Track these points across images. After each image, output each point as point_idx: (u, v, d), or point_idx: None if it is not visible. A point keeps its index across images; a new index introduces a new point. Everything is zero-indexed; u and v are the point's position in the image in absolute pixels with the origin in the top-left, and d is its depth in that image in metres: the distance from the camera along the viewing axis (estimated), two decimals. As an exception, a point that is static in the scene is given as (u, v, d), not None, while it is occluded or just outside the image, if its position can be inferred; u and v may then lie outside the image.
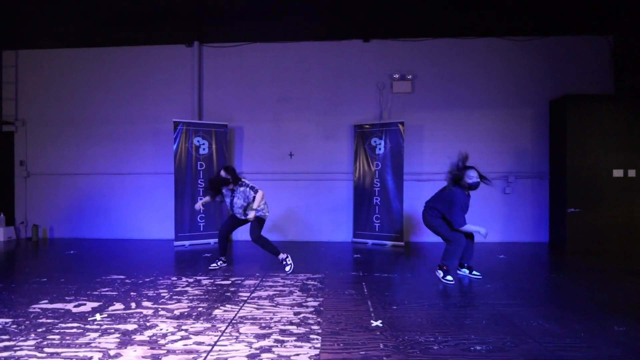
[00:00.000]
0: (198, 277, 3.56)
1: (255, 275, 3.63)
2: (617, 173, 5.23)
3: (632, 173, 5.17)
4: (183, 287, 3.22)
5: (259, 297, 2.93)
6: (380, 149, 5.39)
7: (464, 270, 3.61)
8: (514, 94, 5.69)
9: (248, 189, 3.77)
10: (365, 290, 3.12)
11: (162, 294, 3.01)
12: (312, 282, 3.38)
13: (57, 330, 2.28)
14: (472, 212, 5.73)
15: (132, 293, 3.05)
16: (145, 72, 5.98)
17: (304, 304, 2.78)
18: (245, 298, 2.91)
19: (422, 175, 5.66)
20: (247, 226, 3.93)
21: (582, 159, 5.26)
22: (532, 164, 5.67)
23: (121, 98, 5.99)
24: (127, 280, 3.43)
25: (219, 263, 3.96)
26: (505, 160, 5.67)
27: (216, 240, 5.48)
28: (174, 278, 3.53)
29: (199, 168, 5.43)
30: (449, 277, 3.36)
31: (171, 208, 5.37)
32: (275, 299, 2.90)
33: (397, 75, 5.64)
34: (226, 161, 5.62)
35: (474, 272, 3.53)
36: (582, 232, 5.25)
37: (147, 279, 3.49)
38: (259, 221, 3.87)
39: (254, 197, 3.71)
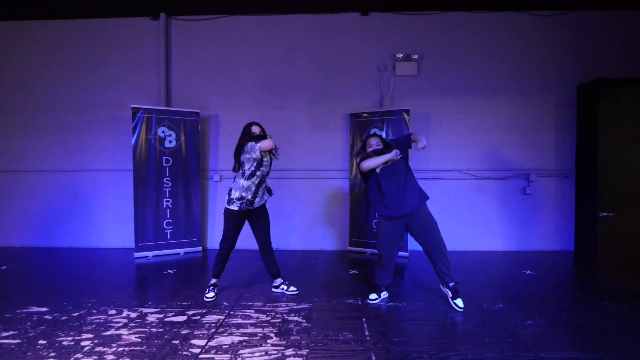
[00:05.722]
0: (145, 309, 2.69)
1: (221, 306, 2.78)
2: (658, 171, 4.47)
3: (677, 171, 4.42)
4: (117, 328, 2.35)
5: (219, 348, 2.08)
6: (380, 141, 4.54)
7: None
8: (535, 78, 4.87)
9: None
10: (367, 333, 2.28)
11: (83, 343, 2.15)
12: (296, 318, 2.54)
13: None
14: (489, 215, 5.01)
15: (40, 341, 2.17)
16: (103, 50, 5.02)
17: (280, 360, 1.94)
18: (199, 351, 2.06)
19: (428, 172, 4.83)
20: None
21: (617, 155, 4.48)
22: (556, 160, 4.88)
23: (74, 81, 5.03)
24: (46, 317, 2.55)
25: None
26: (525, 156, 4.86)
27: (188, 250, 4.65)
28: (112, 311, 2.66)
29: (164, 164, 4.53)
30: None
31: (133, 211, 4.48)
32: (241, 351, 2.05)
33: (400, 55, 4.78)
34: (198, 156, 4.73)
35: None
36: (615, 240, 4.49)
37: (75, 313, 2.61)
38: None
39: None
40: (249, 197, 2.86)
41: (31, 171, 5.05)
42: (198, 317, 2.55)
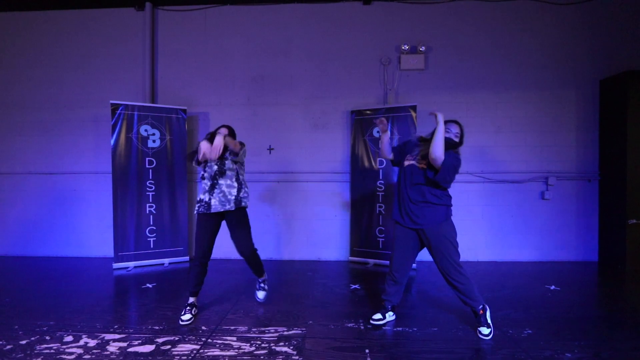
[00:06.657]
0: (107, 336, 2.28)
1: (198, 331, 2.36)
2: (692, 173, 4.03)
3: None
4: (67, 363, 1.94)
5: (185, 393, 1.67)
6: (384, 141, 4.13)
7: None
8: (553, 71, 4.45)
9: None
10: (371, 371, 1.86)
11: (18, 384, 1.73)
12: (285, 348, 2.12)
13: None
14: (504, 222, 4.58)
15: (-35, 382, 1.77)
16: (84, 44, 4.65)
17: (260, 412, 1.52)
18: (158, 397, 1.64)
19: (437, 175, 4.40)
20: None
21: (647, 155, 4.06)
22: (578, 162, 4.44)
23: (53, 76, 4.66)
24: (-13, 345, 2.15)
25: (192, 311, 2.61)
26: (543, 157, 4.43)
27: (173, 260, 4.24)
28: (69, 338, 2.24)
29: (147, 166, 4.13)
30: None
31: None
32: (212, 397, 1.63)
33: (406, 47, 4.38)
34: (185, 157, 4.33)
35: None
36: (646, 250, 4.06)
37: (24, 341, 2.20)
38: (245, 214, 2.76)
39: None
40: (205, 199, 2.62)
41: (5, 174, 4.67)
42: (168, 347, 2.13)
